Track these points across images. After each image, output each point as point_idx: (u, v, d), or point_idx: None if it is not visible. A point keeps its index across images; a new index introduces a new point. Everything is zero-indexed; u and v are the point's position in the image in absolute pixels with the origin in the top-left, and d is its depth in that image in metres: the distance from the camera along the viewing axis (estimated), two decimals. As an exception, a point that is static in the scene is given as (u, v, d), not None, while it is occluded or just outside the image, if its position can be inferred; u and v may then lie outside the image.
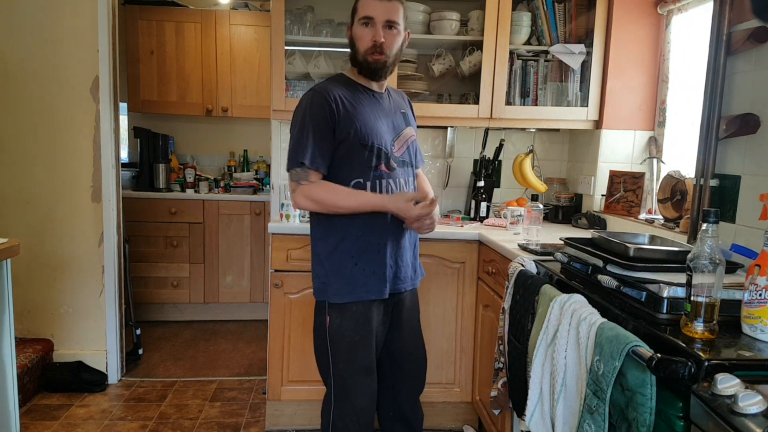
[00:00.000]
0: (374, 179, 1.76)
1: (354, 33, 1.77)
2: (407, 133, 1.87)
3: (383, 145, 1.76)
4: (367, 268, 1.76)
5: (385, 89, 1.88)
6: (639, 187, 2.49)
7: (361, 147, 1.73)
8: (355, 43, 1.76)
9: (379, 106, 1.82)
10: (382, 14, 1.71)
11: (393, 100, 1.90)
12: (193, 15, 4.05)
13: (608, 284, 1.43)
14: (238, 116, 4.20)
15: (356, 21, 1.75)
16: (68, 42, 2.84)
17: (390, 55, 1.75)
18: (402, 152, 1.84)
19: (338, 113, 1.71)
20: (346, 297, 1.77)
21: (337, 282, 1.77)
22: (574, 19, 2.72)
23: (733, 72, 1.82)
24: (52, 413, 2.65)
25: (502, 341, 1.86)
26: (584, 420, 1.22)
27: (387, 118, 1.82)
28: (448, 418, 2.65)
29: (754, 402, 0.89)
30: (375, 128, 1.75)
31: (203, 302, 4.03)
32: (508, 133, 3.01)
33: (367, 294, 1.77)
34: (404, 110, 1.91)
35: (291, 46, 2.73)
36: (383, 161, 1.77)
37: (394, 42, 1.75)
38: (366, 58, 1.74)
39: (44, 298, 2.97)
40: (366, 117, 1.75)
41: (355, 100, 1.76)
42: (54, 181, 2.91)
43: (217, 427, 2.59)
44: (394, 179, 1.80)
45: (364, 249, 1.76)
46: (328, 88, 1.75)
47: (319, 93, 1.73)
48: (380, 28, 1.71)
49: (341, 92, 1.75)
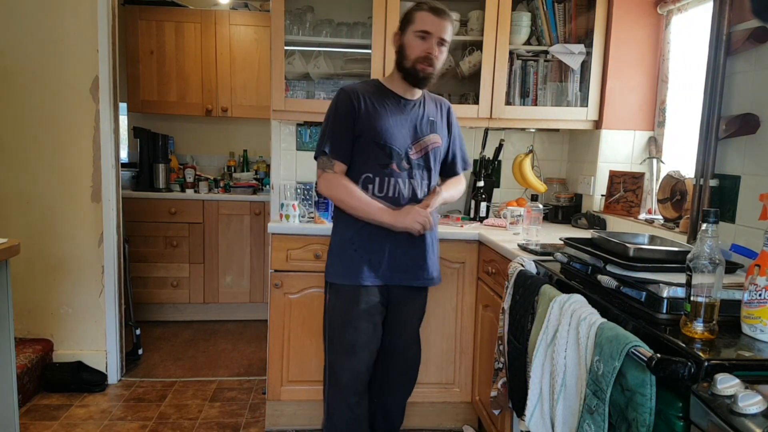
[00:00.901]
0: (383, 176, 1.92)
1: (406, 41, 1.89)
2: (429, 140, 1.98)
3: (397, 147, 1.91)
4: (364, 256, 1.93)
5: (418, 97, 2.00)
6: (639, 187, 2.49)
7: (375, 145, 1.90)
8: (405, 50, 1.88)
9: (404, 111, 1.96)
10: (438, 31, 1.85)
11: (426, 107, 2.01)
12: (193, 15, 4.05)
13: (608, 284, 1.43)
14: (237, 116, 4.20)
15: (410, 31, 1.87)
16: (68, 42, 2.84)
17: (436, 69, 1.90)
18: (419, 156, 1.96)
19: (359, 111, 1.89)
20: (340, 278, 1.96)
21: (337, 264, 1.97)
22: (573, 19, 2.72)
23: (732, 72, 1.82)
24: (52, 413, 2.65)
25: (502, 341, 1.86)
26: (584, 420, 1.22)
27: (410, 123, 1.95)
28: (448, 418, 2.65)
29: (754, 402, 0.89)
30: (392, 130, 1.91)
31: (203, 302, 4.03)
32: (507, 133, 3.01)
33: (359, 279, 1.92)
34: (434, 118, 2.01)
35: (291, 46, 2.73)
36: (395, 161, 1.92)
37: (442, 57, 1.90)
38: (415, 66, 1.87)
39: (44, 298, 2.97)
40: (385, 119, 1.91)
41: (380, 103, 1.93)
42: (54, 181, 2.91)
43: (217, 427, 2.59)
44: (404, 179, 1.94)
45: (365, 238, 1.93)
46: (356, 89, 1.94)
47: (345, 92, 1.93)
48: (434, 44, 1.85)
49: (368, 94, 1.93)
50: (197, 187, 4.06)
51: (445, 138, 2.06)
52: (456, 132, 2.12)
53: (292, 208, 2.46)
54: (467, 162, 2.19)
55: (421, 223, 1.88)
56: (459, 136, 2.14)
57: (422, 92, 2.03)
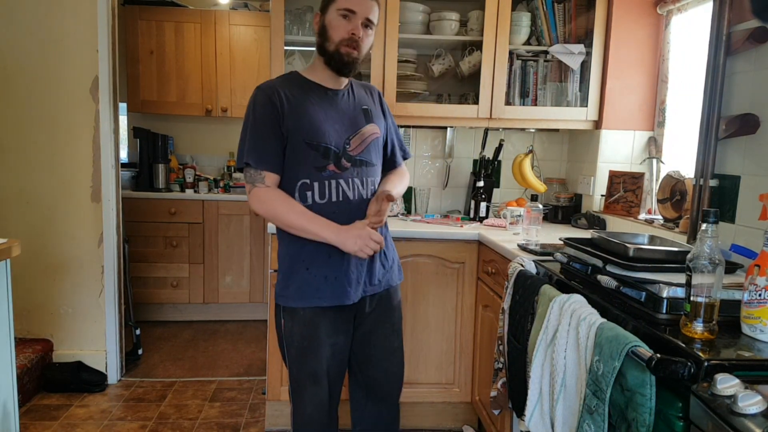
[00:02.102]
0: (322, 179, 1.68)
1: (328, 21, 1.68)
2: (367, 131, 1.76)
3: (333, 144, 1.68)
4: (318, 274, 1.69)
5: (345, 86, 1.79)
6: (638, 187, 2.49)
7: (307, 146, 1.67)
8: (328, 32, 1.68)
9: (333, 103, 1.74)
10: (363, 11, 1.65)
11: (355, 96, 1.81)
12: (193, 15, 4.05)
13: (608, 284, 1.43)
14: (237, 116, 4.19)
15: (332, 9, 1.67)
16: (68, 42, 2.84)
17: (362, 53, 1.70)
18: (359, 151, 1.73)
19: (282, 111, 1.66)
20: (296, 301, 1.71)
21: (290, 286, 1.72)
22: (573, 20, 2.72)
23: (732, 72, 1.82)
24: (52, 413, 2.65)
25: (502, 341, 1.86)
26: (584, 420, 1.22)
27: (342, 116, 1.74)
28: (448, 419, 2.65)
29: (754, 402, 0.89)
30: (323, 127, 1.68)
31: (203, 302, 4.03)
32: (507, 133, 3.01)
33: (319, 300, 1.69)
34: (367, 106, 1.81)
35: (290, 46, 2.73)
36: (333, 161, 1.68)
37: (367, 41, 1.71)
38: (339, 49, 1.66)
39: (44, 298, 2.97)
40: (314, 115, 1.68)
41: (304, 98, 1.70)
42: (54, 182, 2.91)
43: (217, 427, 2.59)
44: (347, 179, 1.70)
45: (313, 254, 1.69)
46: (274, 85, 1.71)
47: (263, 91, 1.69)
48: (359, 24, 1.66)
49: (288, 90, 1.70)
50: (197, 187, 4.06)
51: (383, 127, 1.84)
52: (390, 119, 1.90)
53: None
54: (406, 151, 1.97)
55: (372, 248, 1.63)
56: (393, 123, 1.92)
57: (348, 80, 1.81)
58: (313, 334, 1.71)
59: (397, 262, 1.90)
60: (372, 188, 1.76)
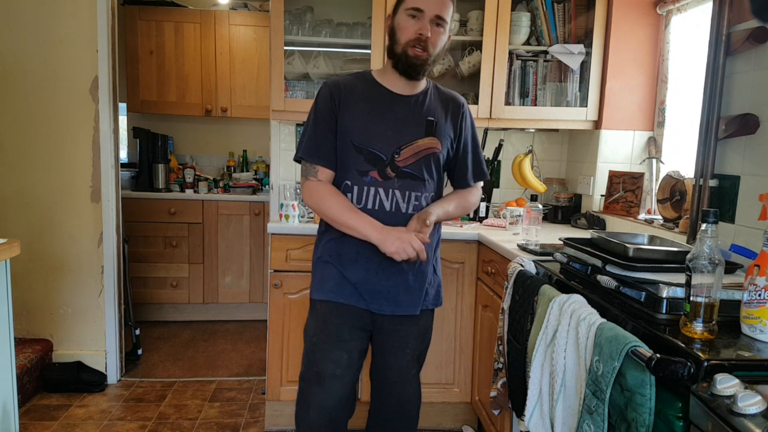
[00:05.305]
0: (362, 185, 1.64)
1: (397, 22, 1.61)
2: (423, 144, 1.66)
3: (381, 151, 1.63)
4: (346, 273, 1.68)
5: (419, 92, 1.71)
6: (638, 187, 2.49)
7: (354, 148, 1.63)
8: (396, 33, 1.61)
9: (394, 109, 1.66)
10: (432, 8, 1.57)
11: (425, 105, 1.70)
12: (193, 15, 4.05)
13: (607, 284, 1.43)
14: (237, 116, 4.20)
15: (401, 10, 1.60)
16: (67, 42, 2.83)
17: (432, 54, 1.61)
18: (409, 163, 1.65)
19: (338, 107, 1.64)
20: (315, 293, 1.73)
21: (315, 276, 1.75)
22: (573, 20, 2.72)
23: (732, 72, 1.82)
24: (52, 413, 2.65)
25: (502, 341, 1.86)
26: (583, 420, 1.22)
27: (400, 123, 1.65)
28: (447, 419, 2.65)
29: (754, 402, 0.89)
30: (374, 131, 1.63)
31: (202, 302, 4.03)
32: (507, 133, 3.01)
33: (335, 295, 1.68)
34: (434, 118, 1.69)
35: (290, 46, 2.73)
36: (377, 168, 1.63)
37: (439, 40, 1.61)
38: (406, 50, 1.59)
39: (43, 298, 2.97)
40: (367, 118, 1.64)
41: (366, 99, 1.65)
42: (53, 182, 2.91)
43: (217, 427, 2.59)
44: (386, 189, 1.64)
45: (340, 251, 1.69)
46: (339, 82, 1.68)
47: (327, 86, 1.68)
48: (428, 23, 1.57)
49: (351, 88, 1.67)
50: (197, 187, 4.06)
51: (450, 142, 1.73)
52: (468, 136, 1.79)
53: (291, 208, 2.46)
54: (482, 172, 1.83)
55: (409, 255, 1.58)
56: (473, 141, 1.81)
57: (428, 86, 1.73)
58: (325, 330, 1.70)
59: (437, 286, 1.83)
60: (415, 203, 1.67)
